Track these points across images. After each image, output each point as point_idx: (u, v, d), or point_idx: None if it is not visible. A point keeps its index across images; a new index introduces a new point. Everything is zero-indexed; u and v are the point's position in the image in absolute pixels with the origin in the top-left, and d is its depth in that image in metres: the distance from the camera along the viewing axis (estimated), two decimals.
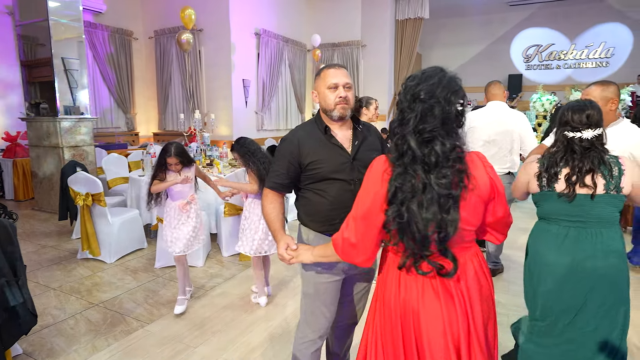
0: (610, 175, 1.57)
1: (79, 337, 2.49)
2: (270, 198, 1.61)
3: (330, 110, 1.55)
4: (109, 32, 7.50)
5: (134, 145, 7.86)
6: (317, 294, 1.60)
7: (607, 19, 10.93)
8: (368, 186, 1.20)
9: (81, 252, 3.77)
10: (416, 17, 9.45)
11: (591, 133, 1.60)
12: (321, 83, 1.58)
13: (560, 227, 1.66)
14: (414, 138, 1.10)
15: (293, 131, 1.64)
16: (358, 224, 1.20)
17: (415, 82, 1.14)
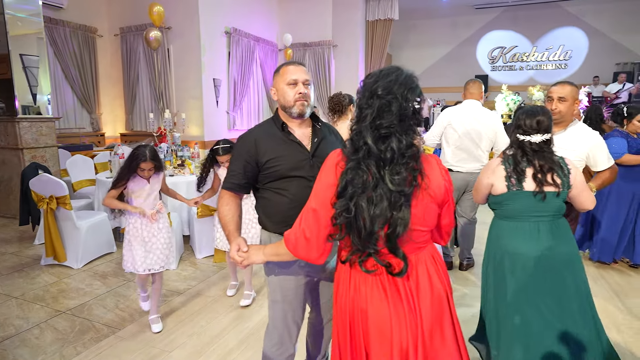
0: (563, 173, 1.72)
1: (44, 347, 2.37)
2: (226, 199, 1.54)
3: (289, 107, 1.52)
4: (71, 29, 7.18)
5: (100, 147, 7.57)
6: (285, 300, 1.57)
7: (564, 24, 11.50)
8: (321, 178, 1.20)
9: (45, 258, 3.59)
10: (386, 18, 9.60)
11: (540, 137, 1.72)
12: (280, 79, 1.55)
13: (531, 224, 1.74)
14: (371, 133, 1.09)
15: (250, 130, 1.61)
16: (311, 216, 1.18)
17: (373, 79, 1.14)
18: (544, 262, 1.71)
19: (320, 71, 9.64)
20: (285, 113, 1.56)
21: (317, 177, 1.21)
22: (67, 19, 7.11)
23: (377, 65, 9.91)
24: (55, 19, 6.87)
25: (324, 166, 1.21)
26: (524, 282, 1.72)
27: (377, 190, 1.08)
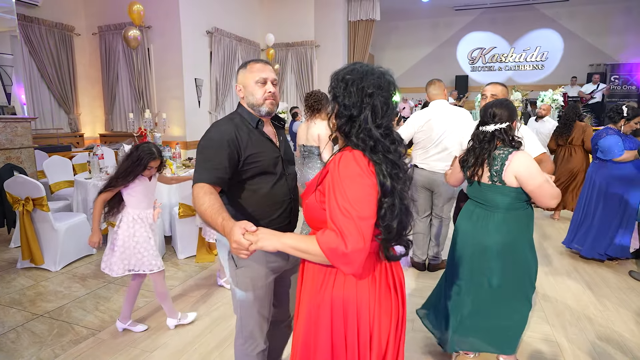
0: (496, 168, 1.84)
1: (21, 350, 2.32)
2: (206, 189, 1.35)
3: (258, 105, 1.51)
4: (47, 27, 7.01)
5: (79, 148, 7.41)
6: (256, 299, 1.55)
7: (540, 25, 11.82)
8: (361, 181, 1.06)
9: (21, 261, 3.51)
10: (368, 19, 9.70)
11: (492, 127, 1.85)
12: (248, 77, 1.52)
13: (471, 204, 2.03)
14: (379, 132, 1.10)
15: (221, 123, 1.49)
16: (364, 223, 1.04)
17: (358, 77, 1.11)
18: (468, 238, 1.99)
19: (303, 71, 9.66)
20: (253, 111, 1.54)
21: (344, 181, 1.06)
22: (43, 17, 6.94)
23: None
24: (30, 17, 6.70)
25: (351, 169, 1.07)
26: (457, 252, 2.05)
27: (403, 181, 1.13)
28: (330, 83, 1.16)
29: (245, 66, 1.55)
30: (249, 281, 1.53)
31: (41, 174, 5.23)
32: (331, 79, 1.16)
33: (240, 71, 1.56)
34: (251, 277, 1.53)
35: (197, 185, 1.38)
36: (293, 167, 1.68)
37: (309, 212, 1.22)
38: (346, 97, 1.11)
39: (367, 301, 1.15)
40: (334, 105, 1.15)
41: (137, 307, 2.82)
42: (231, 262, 1.55)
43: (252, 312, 1.56)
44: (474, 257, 1.96)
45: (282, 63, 9.73)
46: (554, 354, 2.29)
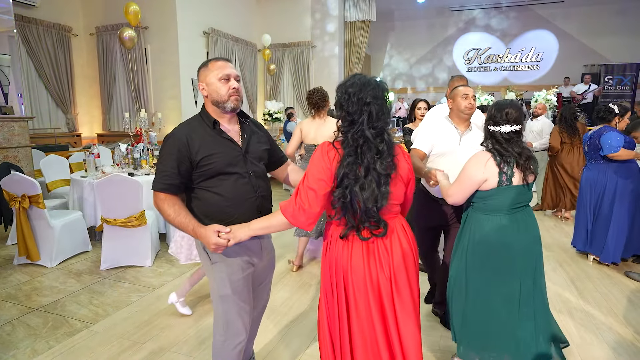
0: (536, 162, 1.86)
1: (16, 342, 2.39)
2: (169, 201, 1.48)
3: (223, 102, 1.52)
4: (45, 27, 7.07)
5: (77, 147, 7.47)
6: (235, 293, 1.56)
7: (535, 26, 11.90)
8: (320, 163, 1.39)
9: (18, 257, 3.58)
10: (364, 20, 9.77)
11: (509, 128, 1.80)
12: (211, 74, 1.53)
13: (508, 215, 1.83)
14: (370, 132, 1.36)
15: (177, 129, 1.54)
16: (311, 194, 1.38)
17: (358, 89, 1.38)
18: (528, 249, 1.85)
19: (299, 71, 9.73)
20: (218, 108, 1.55)
21: (313, 161, 1.40)
22: (40, 18, 7.00)
23: (356, 66, 10.07)
24: (27, 17, 6.76)
25: (321, 153, 1.41)
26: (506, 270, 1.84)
27: (367, 177, 1.36)
28: (336, 94, 1.44)
29: (207, 64, 1.56)
30: (225, 275, 1.55)
31: (38, 173, 5.29)
32: (337, 91, 1.44)
33: (202, 70, 1.57)
34: (227, 272, 1.56)
35: (155, 194, 1.51)
36: (261, 163, 1.66)
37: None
38: (349, 106, 1.39)
39: (343, 264, 1.46)
40: (340, 112, 1.42)
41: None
42: (205, 258, 1.58)
43: (232, 305, 1.57)
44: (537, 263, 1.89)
45: (279, 63, 9.79)
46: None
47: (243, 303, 1.60)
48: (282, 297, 3.00)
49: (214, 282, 1.59)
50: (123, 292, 3.07)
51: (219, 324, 1.62)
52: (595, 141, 3.52)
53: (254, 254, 1.64)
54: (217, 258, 1.55)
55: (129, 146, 4.58)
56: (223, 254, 1.54)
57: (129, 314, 2.73)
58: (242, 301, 1.59)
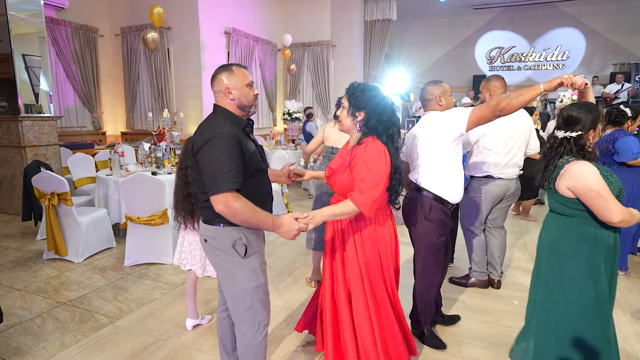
0: (552, 176, 1.72)
1: (46, 335, 2.49)
2: (242, 199, 1.46)
3: (249, 106, 1.66)
4: (73, 29, 7.30)
5: (101, 145, 7.69)
6: (264, 281, 1.70)
7: (562, 24, 11.58)
8: (382, 159, 1.68)
9: (47, 252, 3.71)
10: (384, 19, 9.70)
11: (561, 134, 1.71)
12: (238, 80, 1.62)
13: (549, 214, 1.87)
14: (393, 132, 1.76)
15: (225, 129, 1.52)
16: (381, 186, 1.67)
17: (382, 95, 1.78)
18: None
19: (319, 71, 9.75)
20: (242, 112, 1.66)
21: (371, 161, 1.67)
22: (69, 19, 7.23)
23: (376, 65, 10.01)
24: (57, 19, 6.99)
25: (377, 152, 1.69)
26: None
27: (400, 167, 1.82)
28: (365, 109, 1.75)
29: (232, 70, 1.63)
30: (257, 266, 1.65)
31: (66, 170, 5.48)
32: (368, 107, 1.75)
33: (226, 74, 1.62)
34: (259, 262, 1.67)
35: (227, 195, 1.43)
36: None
37: (342, 185, 1.78)
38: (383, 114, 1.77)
39: (383, 230, 1.87)
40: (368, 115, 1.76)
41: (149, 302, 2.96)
42: (234, 255, 1.60)
43: (263, 294, 1.68)
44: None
45: (299, 63, 9.83)
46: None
47: (266, 286, 1.72)
48: (300, 299, 3.02)
49: (244, 277, 1.62)
50: (146, 288, 3.15)
51: (248, 317, 1.65)
52: (608, 145, 3.42)
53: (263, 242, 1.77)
54: (251, 251, 1.63)
55: (151, 145, 4.69)
56: (255, 244, 1.65)
57: (151, 310, 2.81)
58: (266, 286, 1.71)
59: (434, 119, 2.19)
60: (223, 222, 1.58)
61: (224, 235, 1.60)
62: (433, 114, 2.25)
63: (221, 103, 1.64)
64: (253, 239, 1.65)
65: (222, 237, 1.60)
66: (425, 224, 2.18)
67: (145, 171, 4.13)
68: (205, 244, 1.66)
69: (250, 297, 1.65)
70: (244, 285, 1.63)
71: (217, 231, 1.61)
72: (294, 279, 3.36)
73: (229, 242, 1.60)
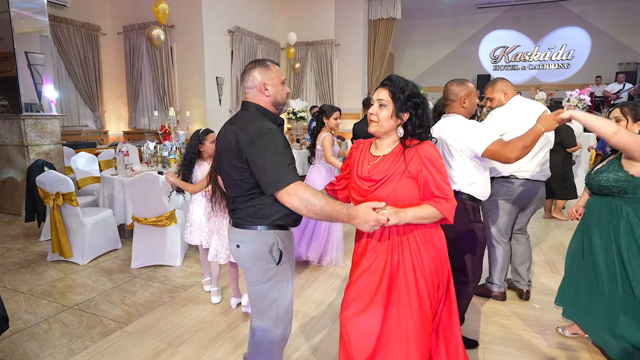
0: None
1: (53, 340, 2.40)
2: (312, 187, 1.41)
3: (283, 103, 1.61)
4: (75, 27, 7.21)
5: (104, 144, 7.60)
6: (291, 291, 1.61)
7: (567, 23, 11.49)
8: (440, 162, 1.51)
9: (51, 254, 3.62)
10: (389, 17, 9.61)
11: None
12: (275, 77, 1.57)
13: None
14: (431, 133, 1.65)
15: (265, 124, 1.48)
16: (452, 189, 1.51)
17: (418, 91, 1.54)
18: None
19: (323, 70, 9.65)
20: (276, 109, 1.60)
21: (437, 162, 1.49)
22: (71, 17, 7.14)
23: (380, 64, 9.92)
24: (59, 17, 6.89)
25: (435, 153, 1.50)
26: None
27: None
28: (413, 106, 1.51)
29: (267, 66, 1.57)
30: (290, 274, 1.59)
31: (69, 170, 5.38)
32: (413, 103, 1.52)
33: (262, 70, 1.55)
34: (291, 270, 1.61)
35: (292, 187, 1.36)
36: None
37: (400, 194, 1.48)
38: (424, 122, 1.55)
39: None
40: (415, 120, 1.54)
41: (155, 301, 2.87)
42: (269, 261, 1.52)
43: (289, 305, 1.60)
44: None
45: (302, 62, 9.74)
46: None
47: (292, 300, 1.65)
48: (315, 300, 2.94)
49: (274, 287, 1.54)
50: (154, 292, 3.06)
51: (274, 320, 1.57)
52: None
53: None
54: (285, 257, 1.55)
55: (156, 144, 4.60)
56: (290, 252, 1.58)
57: (161, 315, 2.72)
58: (292, 298, 1.64)
59: (457, 126, 2.08)
60: (260, 225, 1.51)
61: (260, 240, 1.51)
62: (456, 119, 2.13)
63: (254, 99, 1.56)
64: (287, 244, 1.56)
65: (258, 242, 1.51)
66: (472, 227, 2.13)
67: (151, 171, 4.04)
68: (237, 250, 1.56)
69: (277, 308, 1.56)
70: (272, 295, 1.54)
71: (252, 236, 1.51)
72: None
73: (266, 248, 1.50)
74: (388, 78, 1.54)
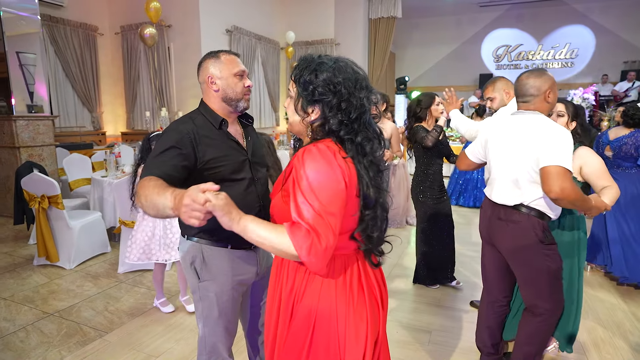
0: None
1: (28, 350, 2.31)
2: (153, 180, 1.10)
3: (237, 99, 1.38)
4: (72, 27, 7.15)
5: (101, 145, 7.54)
6: (222, 315, 1.42)
7: (571, 21, 11.32)
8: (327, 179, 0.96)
9: (37, 258, 3.54)
10: (389, 16, 9.50)
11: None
12: (225, 68, 1.36)
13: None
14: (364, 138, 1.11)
15: (181, 123, 1.33)
16: (334, 222, 0.94)
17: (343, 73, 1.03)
18: None
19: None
20: (229, 106, 1.39)
21: (312, 178, 0.94)
22: (68, 17, 7.08)
23: (380, 64, 9.81)
24: (55, 17, 6.83)
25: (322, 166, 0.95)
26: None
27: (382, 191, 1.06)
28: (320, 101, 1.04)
29: (218, 56, 1.38)
30: (212, 295, 1.40)
31: (62, 171, 5.31)
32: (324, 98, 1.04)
33: (211, 61, 1.38)
34: (215, 292, 1.40)
35: (144, 179, 1.12)
36: (263, 169, 1.52)
37: (275, 212, 1.10)
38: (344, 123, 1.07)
39: (344, 311, 1.06)
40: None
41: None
42: (193, 275, 1.41)
43: (216, 327, 1.43)
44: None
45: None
46: None
47: (229, 324, 1.46)
48: None
49: (199, 302, 1.43)
50: (139, 297, 2.97)
51: (202, 343, 1.47)
52: (628, 148, 3.14)
53: (249, 272, 1.45)
54: (206, 276, 1.38)
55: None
56: (214, 271, 1.36)
57: (143, 322, 2.62)
58: (228, 322, 1.45)
59: (542, 130, 1.64)
60: (187, 233, 1.39)
61: (185, 249, 1.40)
62: (539, 119, 1.69)
63: (204, 97, 1.41)
64: (217, 263, 1.37)
65: (183, 251, 1.41)
66: (545, 249, 1.74)
67: None
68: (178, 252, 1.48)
69: (203, 325, 1.42)
70: (198, 309, 1.43)
71: (182, 242, 1.42)
72: None
73: (188, 259, 1.39)
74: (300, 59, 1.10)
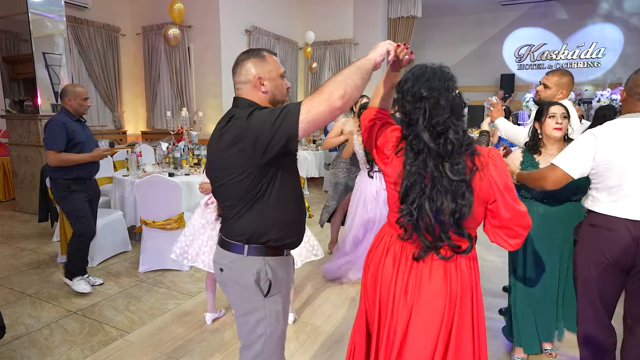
0: None
1: (52, 348, 2.33)
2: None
3: (283, 101, 1.37)
4: (95, 28, 7.29)
5: (122, 144, 7.65)
6: (283, 326, 1.38)
7: (597, 20, 10.95)
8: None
9: (61, 256, 3.60)
10: (409, 16, 9.38)
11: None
12: (272, 69, 1.34)
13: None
14: (427, 133, 1.17)
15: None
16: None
17: (411, 84, 1.23)
18: None
19: (341, 70, 9.51)
20: (272, 106, 1.34)
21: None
22: (92, 19, 7.21)
23: None
24: (80, 19, 6.97)
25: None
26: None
27: (435, 188, 1.16)
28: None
29: (263, 57, 1.32)
30: (280, 308, 1.34)
31: None
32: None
33: (257, 61, 1.31)
34: (283, 303, 1.34)
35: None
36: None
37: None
38: (405, 105, 1.29)
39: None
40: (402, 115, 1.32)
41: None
42: (256, 292, 1.30)
43: (279, 343, 1.36)
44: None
45: (320, 62, 9.61)
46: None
47: (283, 335, 1.41)
48: (325, 312, 2.78)
49: (262, 321, 1.31)
50: (160, 297, 2.98)
51: (259, 354, 1.35)
52: None
53: (293, 277, 1.50)
54: (275, 289, 1.31)
55: (170, 145, 4.54)
56: (281, 280, 1.32)
57: (164, 323, 2.62)
58: (282, 333, 1.39)
59: None
60: (247, 248, 1.28)
61: (246, 266, 1.29)
62: None
63: (248, 96, 1.31)
64: (280, 273, 1.33)
65: (242, 269, 1.29)
66: None
67: (163, 172, 3.98)
68: (220, 274, 1.35)
69: (263, 344, 1.32)
70: (259, 330, 1.32)
71: (237, 260, 1.30)
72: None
73: (251, 276, 1.28)
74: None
